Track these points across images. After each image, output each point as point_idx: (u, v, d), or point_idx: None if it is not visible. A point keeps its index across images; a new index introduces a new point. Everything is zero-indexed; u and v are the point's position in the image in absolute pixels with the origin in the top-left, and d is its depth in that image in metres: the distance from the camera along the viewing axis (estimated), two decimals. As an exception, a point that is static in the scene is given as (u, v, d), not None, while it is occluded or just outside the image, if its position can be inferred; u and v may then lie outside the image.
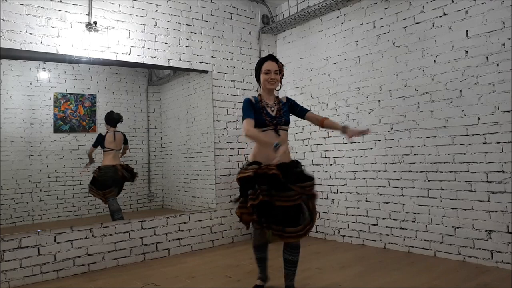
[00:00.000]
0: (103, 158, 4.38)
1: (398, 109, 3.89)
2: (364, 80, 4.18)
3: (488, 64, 3.26)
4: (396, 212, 3.90)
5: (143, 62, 4.07)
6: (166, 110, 5.22)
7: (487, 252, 3.26)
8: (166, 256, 4.06)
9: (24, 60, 4.03)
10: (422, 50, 3.69)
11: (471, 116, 3.36)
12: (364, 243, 4.18)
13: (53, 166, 4.27)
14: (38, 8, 3.50)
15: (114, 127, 4.46)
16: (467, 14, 3.38)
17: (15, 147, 4.07)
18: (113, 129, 4.45)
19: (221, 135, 4.63)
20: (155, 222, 4.05)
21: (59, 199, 4.28)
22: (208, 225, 4.40)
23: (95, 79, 4.59)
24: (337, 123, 2.76)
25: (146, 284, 3.16)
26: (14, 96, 4.08)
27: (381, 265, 3.43)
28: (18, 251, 3.30)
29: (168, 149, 5.18)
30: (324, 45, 4.61)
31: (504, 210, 3.16)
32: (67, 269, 3.50)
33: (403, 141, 3.84)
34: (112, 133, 4.43)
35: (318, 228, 4.66)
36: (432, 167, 3.62)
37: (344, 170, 4.38)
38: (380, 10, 4.04)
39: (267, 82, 2.65)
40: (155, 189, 5.08)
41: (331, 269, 3.39)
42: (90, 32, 3.72)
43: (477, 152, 3.33)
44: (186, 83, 5.04)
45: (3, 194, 3.91)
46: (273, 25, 4.95)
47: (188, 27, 4.42)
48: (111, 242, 3.75)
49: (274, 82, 2.67)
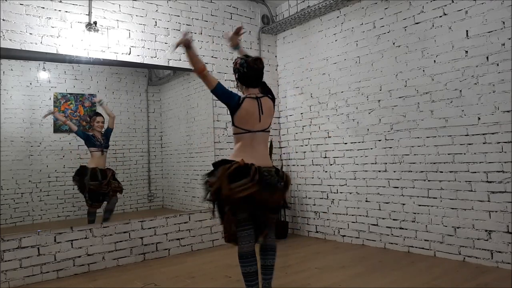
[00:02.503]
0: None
1: (398, 109, 3.89)
2: (364, 80, 4.18)
3: (488, 64, 3.26)
4: (396, 212, 3.90)
5: (143, 62, 4.08)
6: (166, 110, 5.22)
7: (487, 252, 3.26)
8: (166, 256, 4.06)
9: (24, 60, 4.03)
10: (422, 50, 3.69)
11: (471, 116, 3.36)
12: (364, 243, 4.18)
13: (53, 166, 4.27)
14: (38, 8, 3.50)
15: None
16: (467, 14, 3.38)
17: (15, 147, 4.07)
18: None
19: (221, 135, 4.63)
20: (155, 222, 4.05)
21: (59, 199, 4.28)
22: (208, 225, 4.40)
23: (95, 79, 4.59)
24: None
25: (146, 284, 3.16)
26: (14, 96, 4.08)
27: (381, 265, 3.44)
28: (18, 251, 3.30)
29: (168, 149, 5.18)
30: (324, 45, 4.61)
31: (504, 210, 3.16)
32: (67, 269, 3.50)
33: (403, 141, 3.84)
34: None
35: (318, 228, 4.67)
36: (432, 167, 3.62)
37: (344, 170, 4.38)
38: (380, 10, 4.04)
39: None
40: (155, 189, 5.08)
41: (331, 269, 3.38)
42: (90, 32, 3.72)
43: (477, 152, 3.33)
44: (186, 83, 5.04)
45: (3, 194, 3.91)
46: (273, 25, 4.95)
47: (188, 27, 4.42)
48: (111, 242, 3.75)
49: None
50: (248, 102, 2.50)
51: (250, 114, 2.49)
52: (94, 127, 4.31)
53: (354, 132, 4.27)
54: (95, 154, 4.25)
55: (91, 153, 4.25)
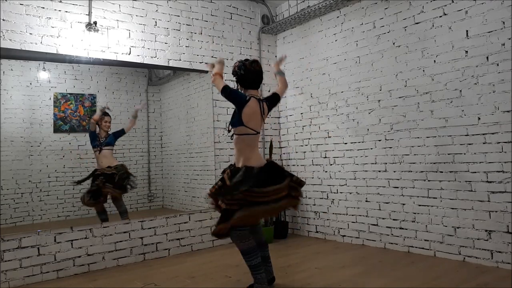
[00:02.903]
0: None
1: (398, 109, 3.89)
2: (364, 80, 4.18)
3: (488, 64, 3.26)
4: (396, 212, 3.90)
5: (143, 62, 4.07)
6: (166, 110, 5.22)
7: (487, 252, 3.26)
8: (166, 256, 4.06)
9: (24, 60, 4.03)
10: (422, 50, 3.69)
11: (471, 116, 3.36)
12: (364, 243, 4.18)
13: (53, 166, 4.27)
14: (38, 8, 3.50)
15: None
16: (467, 14, 3.38)
17: (15, 147, 4.07)
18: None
19: (221, 135, 4.63)
20: (155, 222, 4.05)
21: (59, 199, 4.28)
22: (208, 225, 4.40)
23: (95, 79, 4.59)
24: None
25: (146, 284, 3.16)
26: (14, 96, 4.08)
27: (381, 265, 3.44)
28: (18, 251, 3.30)
29: (168, 149, 5.19)
30: (324, 45, 4.61)
31: (504, 210, 3.16)
32: (67, 269, 3.50)
33: (403, 141, 3.84)
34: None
35: (318, 228, 4.67)
36: (432, 167, 3.62)
37: (344, 170, 4.38)
38: (380, 10, 4.04)
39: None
40: (155, 189, 5.08)
41: (331, 269, 3.38)
42: (90, 32, 3.72)
43: (477, 152, 3.33)
44: (186, 83, 5.04)
45: (3, 194, 3.91)
46: (273, 25, 4.95)
47: (188, 27, 4.42)
48: (111, 242, 3.75)
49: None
50: (253, 101, 2.75)
51: (256, 114, 2.75)
52: (102, 126, 4.34)
53: (354, 132, 4.27)
54: (95, 153, 4.27)
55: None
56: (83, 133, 4.47)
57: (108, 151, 4.32)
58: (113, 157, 4.36)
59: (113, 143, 4.37)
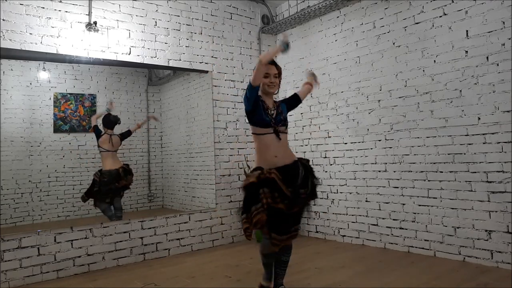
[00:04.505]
0: (102, 161, 4.35)
1: (398, 109, 3.89)
2: (364, 80, 4.18)
3: (488, 64, 3.26)
4: (396, 212, 3.89)
5: (143, 62, 4.07)
6: (166, 110, 5.22)
7: (487, 252, 3.26)
8: (166, 256, 4.06)
9: (24, 60, 4.03)
10: (422, 50, 3.69)
11: (471, 116, 3.36)
12: (364, 243, 4.18)
13: (53, 166, 4.27)
14: (38, 8, 3.50)
15: (111, 129, 4.41)
16: (467, 14, 3.38)
17: (15, 147, 4.07)
18: (111, 132, 4.41)
19: (221, 135, 4.63)
20: (155, 222, 4.05)
21: (59, 199, 4.28)
22: (208, 225, 4.40)
23: (95, 79, 4.59)
24: (305, 86, 2.98)
25: (146, 284, 3.16)
26: (14, 96, 4.08)
27: (381, 265, 3.44)
28: (18, 251, 3.30)
29: (168, 149, 5.18)
30: (324, 45, 4.61)
31: (504, 210, 3.16)
32: (67, 269, 3.50)
33: (403, 141, 3.84)
34: (109, 135, 4.38)
35: (318, 228, 4.67)
36: (432, 167, 3.62)
37: (344, 170, 4.38)
38: (380, 10, 4.04)
39: (267, 86, 2.63)
40: (155, 189, 5.08)
41: (331, 269, 3.38)
42: (90, 32, 3.72)
43: (477, 152, 3.33)
44: (186, 83, 5.04)
45: (3, 194, 3.91)
46: (273, 25, 4.95)
47: (188, 27, 4.42)
48: (111, 242, 3.75)
49: (274, 86, 2.66)
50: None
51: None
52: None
53: (354, 132, 4.27)
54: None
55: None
56: (83, 133, 4.47)
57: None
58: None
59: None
